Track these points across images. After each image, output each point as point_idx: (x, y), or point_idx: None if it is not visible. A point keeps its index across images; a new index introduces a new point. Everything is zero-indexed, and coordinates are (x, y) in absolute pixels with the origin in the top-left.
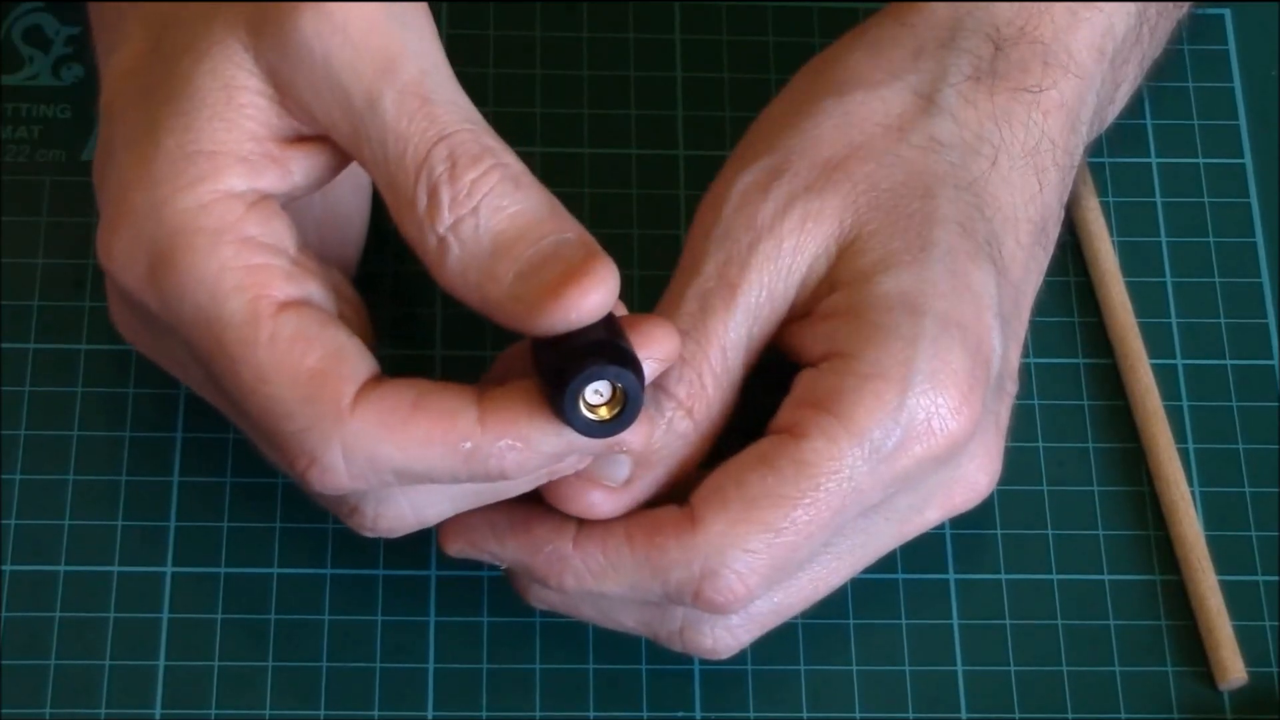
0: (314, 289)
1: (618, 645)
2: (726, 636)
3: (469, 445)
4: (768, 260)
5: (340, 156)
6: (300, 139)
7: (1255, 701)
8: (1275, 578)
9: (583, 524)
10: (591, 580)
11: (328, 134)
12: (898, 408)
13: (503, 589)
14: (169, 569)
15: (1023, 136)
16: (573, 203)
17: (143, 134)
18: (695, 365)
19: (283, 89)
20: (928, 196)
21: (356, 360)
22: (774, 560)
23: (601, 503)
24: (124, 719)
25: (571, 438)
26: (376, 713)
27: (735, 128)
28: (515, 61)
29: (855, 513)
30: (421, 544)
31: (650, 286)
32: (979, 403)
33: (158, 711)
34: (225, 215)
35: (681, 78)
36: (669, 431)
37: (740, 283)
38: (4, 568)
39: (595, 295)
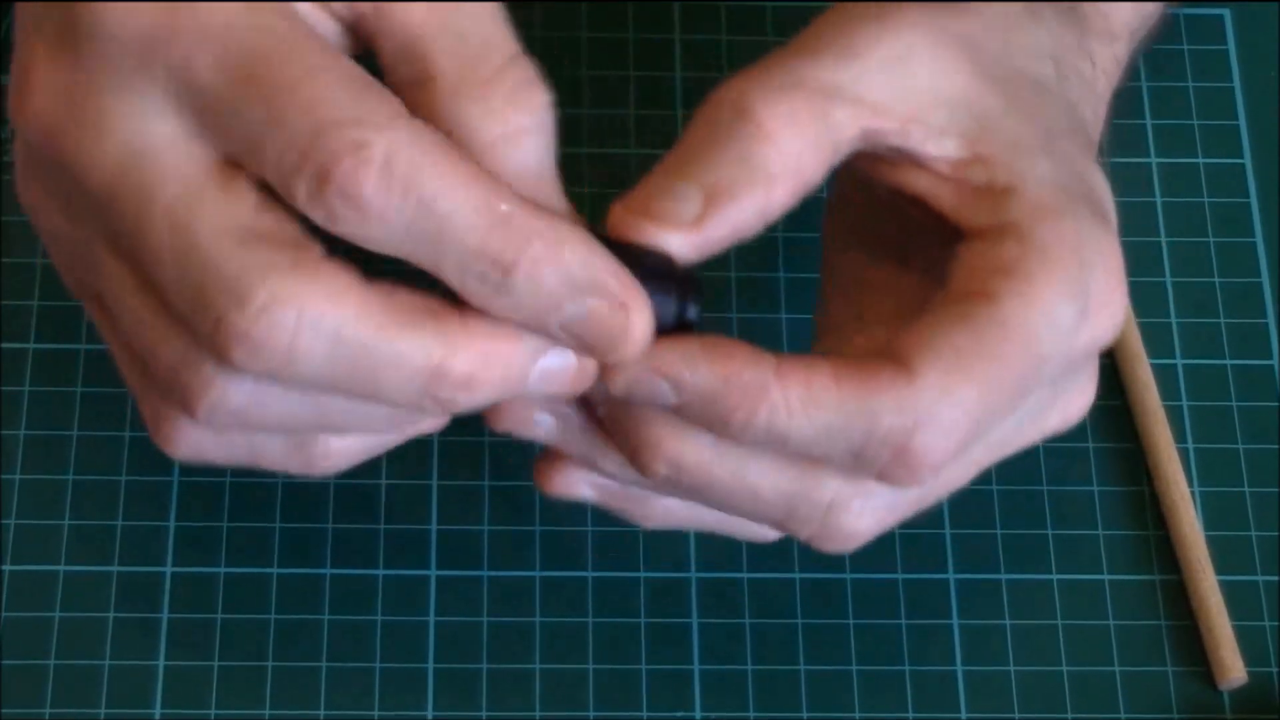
0: None
1: (617, 645)
2: (870, 520)
3: (505, 208)
4: (895, 52)
5: (334, 34)
6: None
7: (1255, 701)
8: (1275, 578)
9: (782, 359)
10: (786, 417)
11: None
12: (1078, 281)
13: (502, 589)
14: (168, 569)
15: (1105, 83)
16: (572, 203)
17: None
18: (790, 95)
19: None
20: (1037, 92)
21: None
22: (977, 421)
23: (670, 239)
24: (123, 719)
25: (597, 265)
26: (376, 713)
27: None
28: None
29: (1029, 391)
30: (422, 544)
31: None
32: (1126, 294)
33: (157, 711)
34: None
35: (681, 78)
36: (744, 159)
37: (864, 51)
38: (4, 568)
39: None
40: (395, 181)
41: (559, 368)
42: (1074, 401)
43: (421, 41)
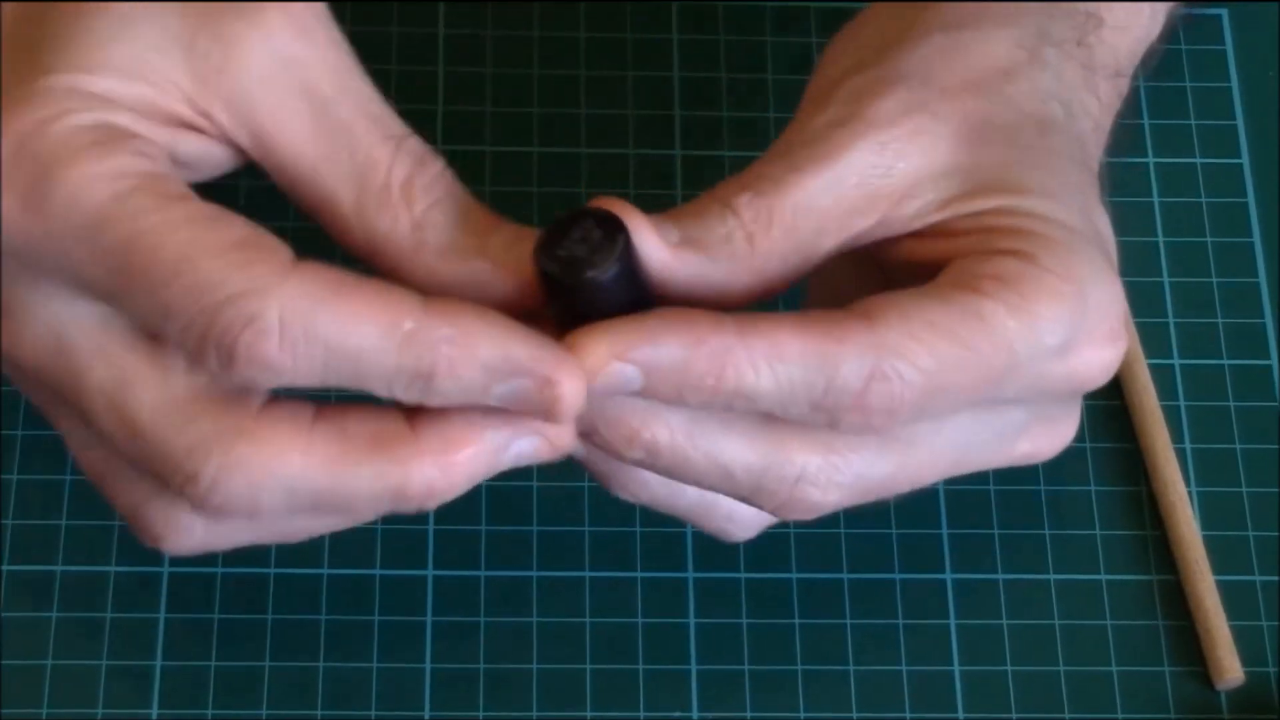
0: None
1: (615, 645)
2: (835, 494)
3: (410, 325)
4: (870, 152)
5: (224, 158)
6: (195, 129)
7: (1252, 701)
8: (1272, 578)
9: (741, 319)
10: (754, 376)
11: (231, 135)
12: (1073, 309)
13: (500, 589)
14: (166, 569)
15: (1105, 121)
16: (570, 203)
17: (28, 63)
18: (767, 201)
19: (209, 85)
20: (1043, 133)
21: (279, 241)
22: (933, 385)
23: (649, 236)
24: (121, 719)
25: (511, 350)
26: (374, 713)
27: (733, 128)
28: (513, 61)
29: (991, 394)
30: (420, 544)
31: None
32: (1125, 342)
33: (155, 711)
34: (114, 133)
35: (679, 77)
36: (726, 241)
37: (837, 159)
38: (2, 568)
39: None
40: (296, 339)
41: (530, 450)
42: (1048, 435)
43: (310, 175)
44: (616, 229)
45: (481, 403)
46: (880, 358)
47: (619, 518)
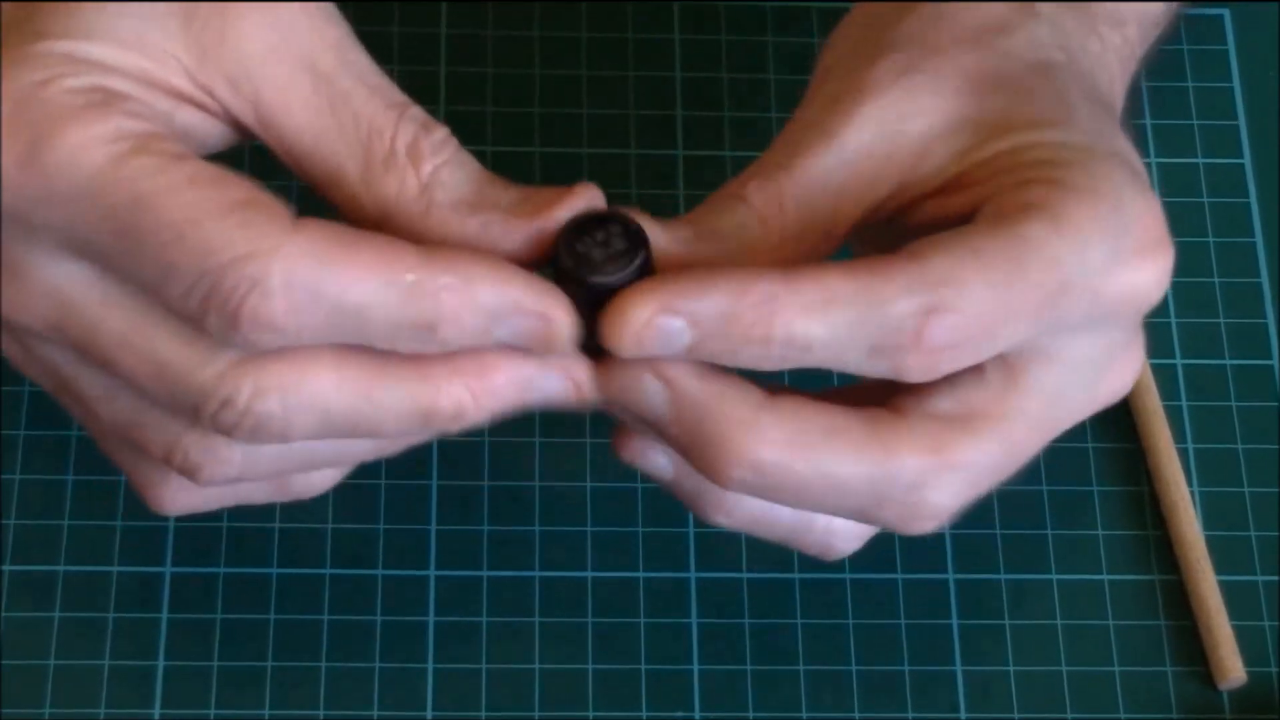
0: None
1: (617, 645)
2: (952, 493)
3: (411, 278)
4: (871, 120)
5: (221, 134)
6: (194, 103)
7: (1254, 701)
8: (1274, 578)
9: (788, 270)
10: (805, 322)
11: (231, 110)
12: (1112, 222)
13: (502, 589)
14: (168, 569)
15: (1113, 58)
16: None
17: (26, 29)
18: (776, 184)
19: (209, 59)
20: (1047, 76)
21: (279, 200)
22: (990, 312)
23: (661, 235)
24: (123, 719)
25: (509, 291)
26: (375, 713)
27: (734, 128)
28: (514, 61)
29: (1052, 320)
30: (422, 544)
31: None
32: (1171, 251)
33: (157, 711)
34: (110, 96)
35: (681, 78)
36: (740, 229)
37: (840, 131)
38: (4, 568)
39: (593, 194)
40: (301, 298)
41: (558, 390)
42: (1121, 367)
43: (314, 150)
44: (639, 241)
45: (484, 345)
46: (932, 290)
47: (621, 518)
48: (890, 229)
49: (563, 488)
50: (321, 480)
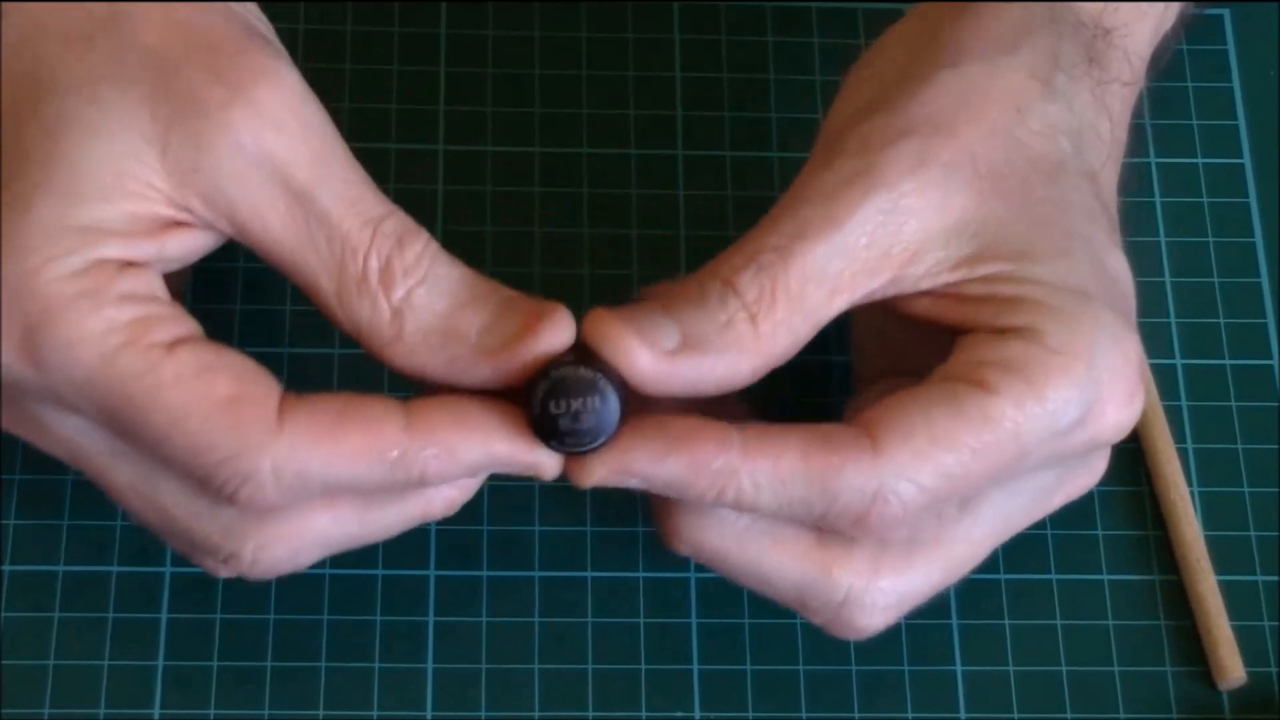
0: (193, 325)
1: (617, 645)
2: (881, 617)
3: (395, 454)
4: (879, 210)
5: (213, 240)
6: (179, 224)
7: (1254, 702)
8: (1274, 578)
9: (749, 439)
10: (754, 494)
11: (214, 224)
12: (1084, 388)
13: (502, 589)
14: (168, 569)
15: (1120, 131)
16: (572, 203)
17: (9, 197)
18: (771, 275)
19: (186, 182)
20: (1053, 182)
21: (266, 380)
22: (936, 498)
23: (640, 355)
24: (123, 719)
25: (492, 448)
26: (375, 713)
27: (734, 128)
28: (514, 61)
29: (1009, 476)
30: (421, 543)
31: (648, 285)
32: (1142, 395)
33: (156, 711)
34: (100, 278)
35: (681, 78)
36: (727, 328)
37: (845, 220)
38: (3, 568)
39: (562, 327)
40: (290, 483)
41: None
42: (1079, 482)
43: (290, 264)
44: (606, 382)
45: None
46: (883, 482)
47: (621, 518)
48: (884, 311)
49: (563, 488)
50: None
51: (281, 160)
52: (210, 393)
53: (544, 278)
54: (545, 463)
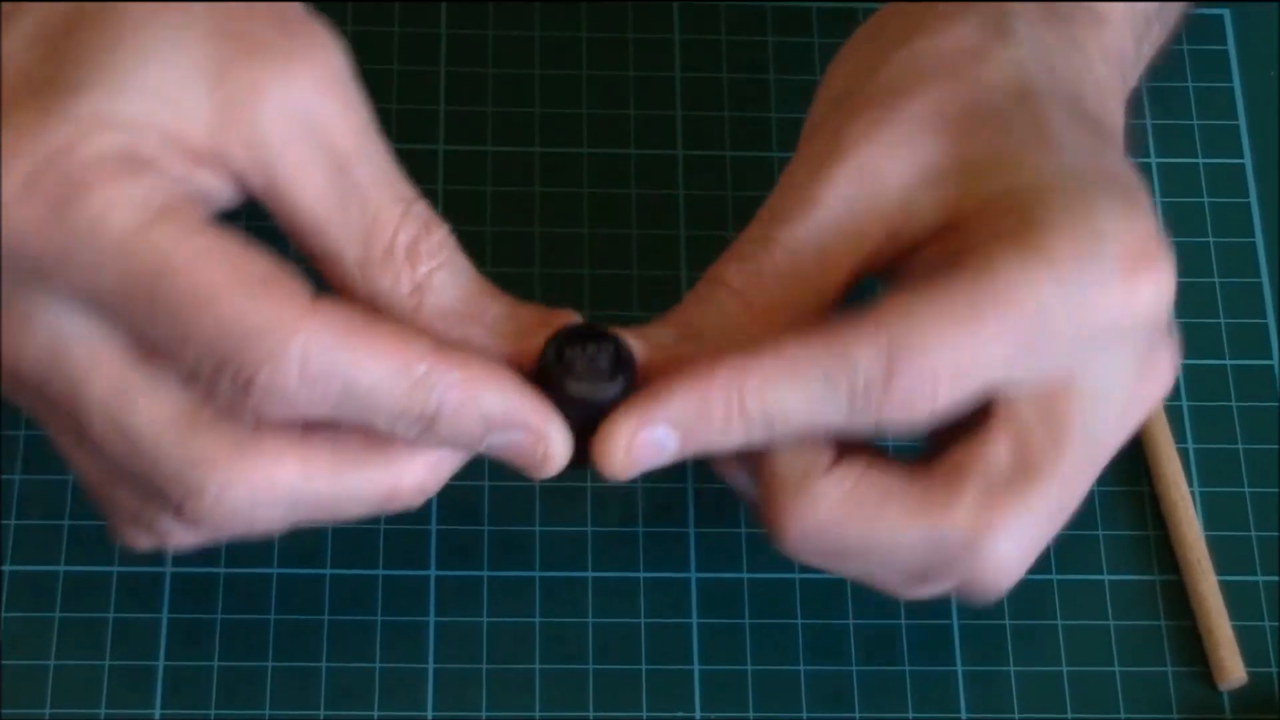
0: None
1: (617, 645)
2: (1016, 546)
3: (423, 369)
4: (848, 180)
5: (229, 196)
6: (208, 164)
7: (1255, 702)
8: (1275, 578)
9: (745, 353)
10: (771, 392)
11: (244, 175)
12: (1088, 242)
13: (502, 589)
14: (168, 569)
15: (1100, 67)
16: (572, 203)
17: (59, 83)
18: (756, 261)
19: (231, 125)
20: (1025, 101)
21: (298, 277)
22: (961, 354)
23: (640, 341)
24: (123, 719)
25: (510, 398)
26: (376, 713)
27: (734, 128)
28: (514, 61)
29: (1041, 353)
30: (421, 543)
31: (649, 286)
32: (1168, 268)
33: (157, 712)
34: (143, 156)
35: (680, 78)
36: (722, 315)
37: (819, 196)
38: (4, 568)
39: (576, 319)
40: (315, 375)
41: (516, 440)
42: (1150, 380)
43: (317, 229)
44: (624, 360)
45: (472, 450)
46: (891, 341)
47: (621, 518)
48: (893, 278)
49: (563, 488)
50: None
51: (329, 125)
52: (247, 269)
53: (544, 278)
54: (555, 438)
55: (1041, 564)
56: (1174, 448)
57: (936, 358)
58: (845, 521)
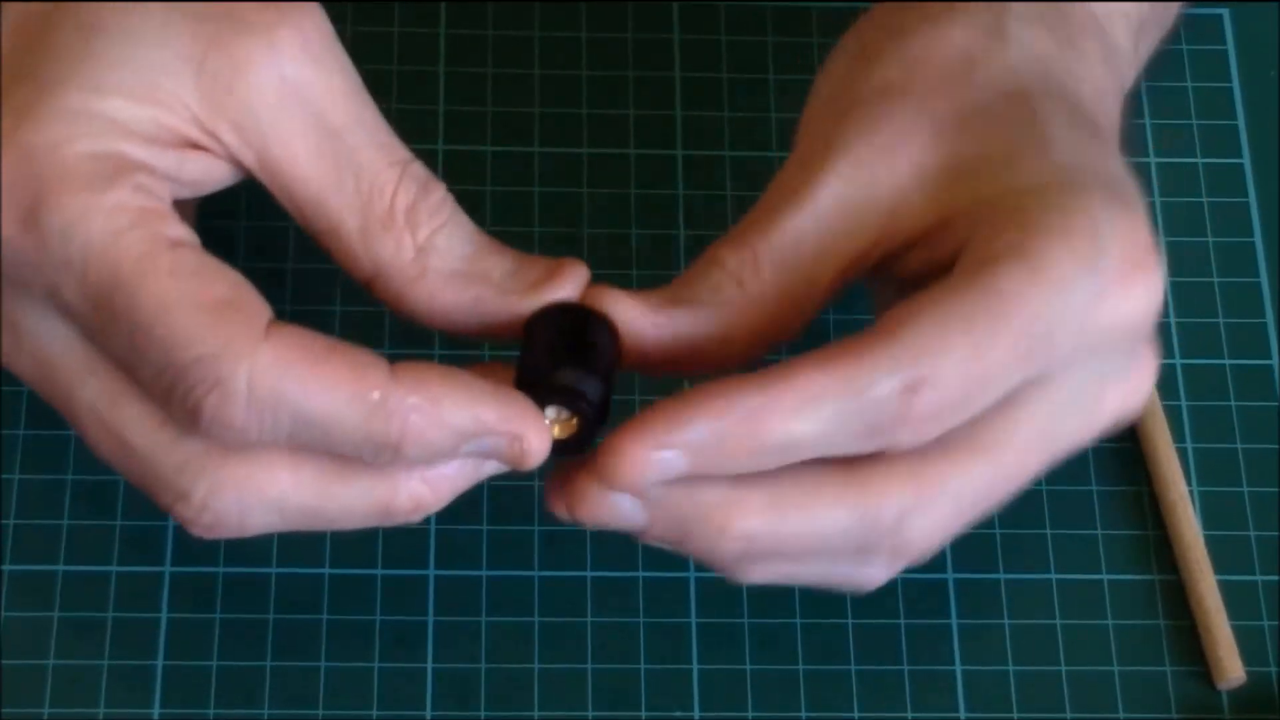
0: (197, 240)
1: (616, 645)
2: (938, 521)
3: (377, 395)
4: (840, 177)
5: (228, 175)
6: (200, 148)
7: (1254, 701)
8: (1274, 578)
9: (763, 374)
10: (789, 423)
11: (237, 155)
12: (1090, 256)
13: (501, 589)
14: (168, 569)
15: (1098, 68)
16: (571, 202)
17: (36, 82)
18: (751, 247)
19: (219, 106)
20: (1019, 103)
21: (259, 301)
22: (972, 375)
23: (631, 305)
24: (122, 719)
25: (478, 409)
26: (375, 713)
27: (734, 128)
28: (514, 61)
29: (1044, 361)
30: (421, 543)
31: (649, 286)
32: (1160, 273)
33: (156, 711)
34: (118, 164)
35: (680, 78)
36: (715, 290)
37: (812, 192)
38: (3, 568)
39: (584, 275)
40: (262, 404)
41: (512, 454)
42: (1127, 388)
43: (315, 201)
44: (606, 340)
45: (450, 458)
46: (910, 365)
47: None
48: (884, 278)
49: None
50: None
51: (318, 94)
52: (204, 289)
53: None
54: (531, 436)
55: (1041, 564)
56: (1173, 448)
57: (955, 384)
58: (783, 518)
